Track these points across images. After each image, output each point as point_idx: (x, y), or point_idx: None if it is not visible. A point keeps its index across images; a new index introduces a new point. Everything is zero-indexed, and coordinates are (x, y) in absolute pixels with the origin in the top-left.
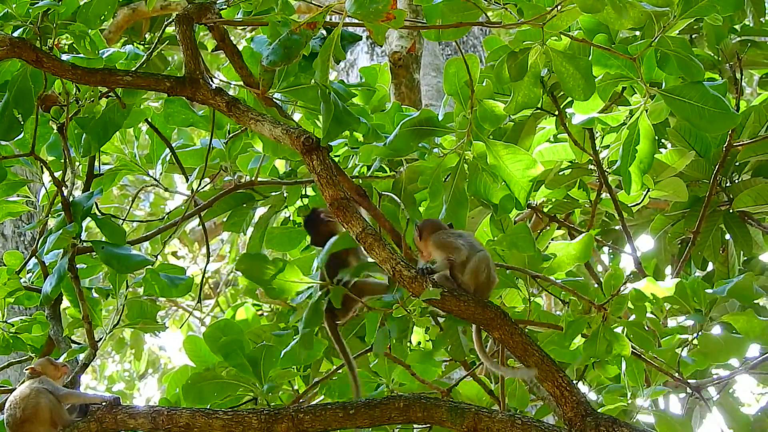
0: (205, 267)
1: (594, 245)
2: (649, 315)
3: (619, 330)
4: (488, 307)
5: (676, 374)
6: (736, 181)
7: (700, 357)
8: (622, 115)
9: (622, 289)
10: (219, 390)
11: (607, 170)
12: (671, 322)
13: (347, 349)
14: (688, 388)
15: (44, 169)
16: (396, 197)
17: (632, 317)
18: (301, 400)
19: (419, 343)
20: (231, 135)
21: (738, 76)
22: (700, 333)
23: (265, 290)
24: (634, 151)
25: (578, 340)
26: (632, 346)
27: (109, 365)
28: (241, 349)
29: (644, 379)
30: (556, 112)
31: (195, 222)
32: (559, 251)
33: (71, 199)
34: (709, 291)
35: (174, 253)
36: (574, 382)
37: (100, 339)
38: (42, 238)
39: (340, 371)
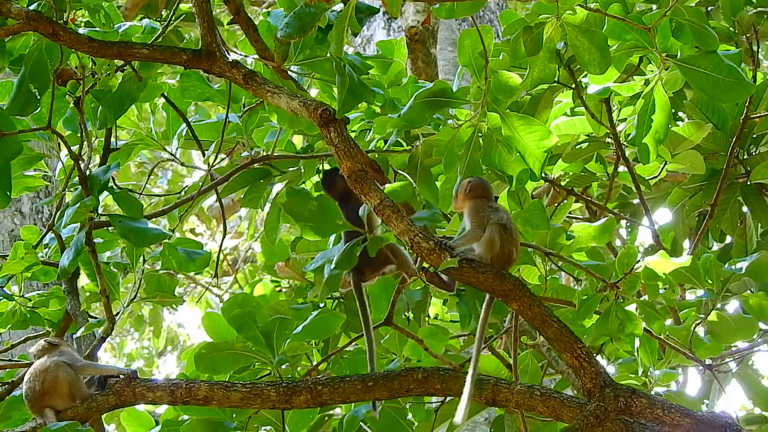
0: (222, 242)
1: (614, 227)
2: (662, 292)
3: (632, 308)
4: (507, 278)
5: (690, 353)
6: (754, 153)
7: (712, 338)
8: (637, 85)
9: (635, 266)
10: (231, 361)
11: (624, 143)
12: (690, 296)
13: (368, 310)
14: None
15: (61, 144)
16: (408, 176)
17: (644, 297)
18: (318, 376)
19: (437, 315)
20: (247, 108)
21: (754, 48)
22: (711, 311)
23: (304, 229)
24: (649, 121)
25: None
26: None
27: (128, 343)
28: (255, 322)
29: (657, 357)
30: (573, 86)
31: (212, 199)
32: (579, 231)
33: (88, 172)
34: (727, 268)
35: (192, 230)
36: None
37: (118, 313)
38: (59, 212)
39: (356, 344)
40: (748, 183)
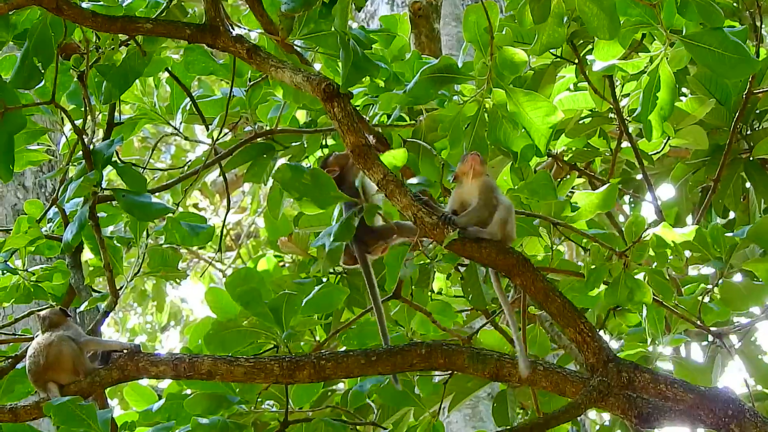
0: (225, 216)
1: (617, 192)
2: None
3: (640, 276)
4: (510, 253)
5: (698, 322)
6: (757, 128)
7: (722, 305)
8: (642, 62)
9: (643, 236)
10: (241, 339)
11: (628, 118)
12: (692, 272)
13: (375, 283)
14: (710, 336)
15: (64, 118)
16: (420, 141)
17: (654, 265)
18: (322, 351)
19: (440, 290)
20: (251, 83)
21: (758, 23)
22: (720, 281)
23: (301, 203)
24: (654, 98)
25: (600, 289)
26: (653, 294)
27: (131, 318)
28: (261, 298)
29: (665, 327)
30: (576, 61)
31: (216, 174)
32: (581, 200)
33: (92, 147)
34: (729, 235)
35: (195, 205)
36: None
37: (122, 287)
38: (62, 186)
39: (360, 319)
40: (751, 158)
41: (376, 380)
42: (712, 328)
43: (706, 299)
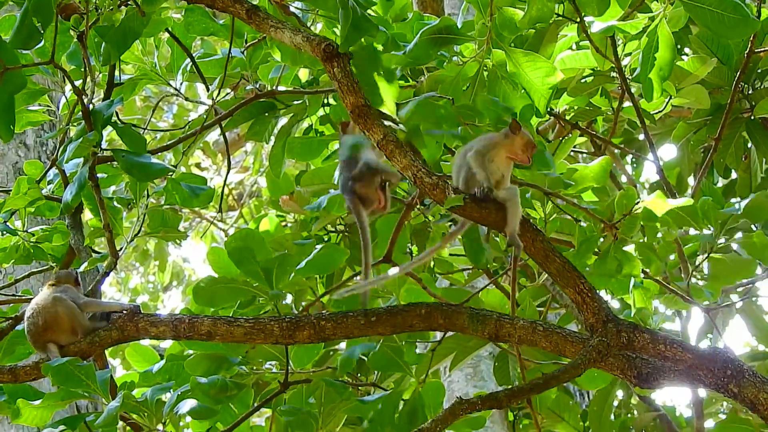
0: (226, 176)
1: (611, 167)
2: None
3: (630, 249)
4: None
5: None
6: (758, 88)
7: (711, 280)
8: (641, 22)
9: (635, 208)
10: (231, 295)
11: (629, 77)
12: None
13: (368, 232)
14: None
15: (65, 79)
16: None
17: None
18: (322, 312)
19: None
20: (250, 43)
21: None
22: (709, 254)
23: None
24: (653, 58)
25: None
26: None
27: (133, 277)
28: (254, 257)
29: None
30: (578, 20)
31: (218, 134)
32: (576, 175)
33: (91, 107)
34: (723, 210)
35: (198, 165)
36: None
37: (121, 248)
38: (62, 147)
39: (357, 278)
40: (753, 118)
41: (366, 346)
42: (704, 303)
43: (693, 280)
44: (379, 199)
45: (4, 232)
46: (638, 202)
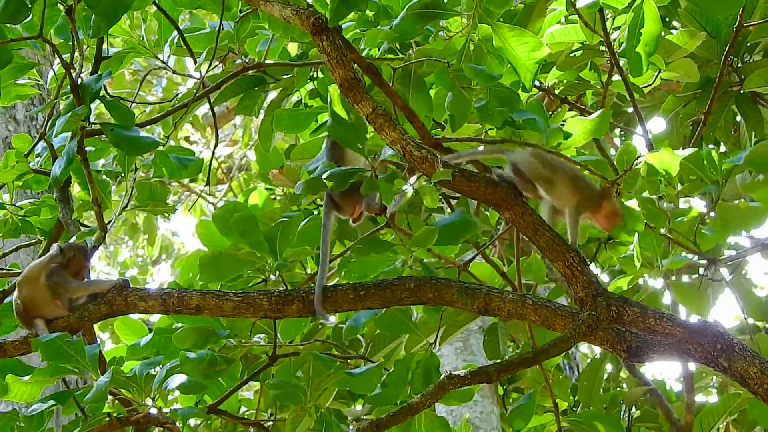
0: (214, 149)
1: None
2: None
3: (632, 204)
4: (499, 186)
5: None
6: (748, 61)
7: (719, 227)
8: None
9: (635, 164)
10: (237, 267)
11: (618, 51)
12: (684, 206)
13: (328, 245)
14: (704, 263)
15: (53, 52)
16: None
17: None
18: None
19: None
20: (241, 15)
21: None
22: (716, 204)
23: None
24: (639, 33)
25: None
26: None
27: (123, 251)
28: (257, 227)
29: (662, 250)
30: None
31: (207, 107)
32: (574, 127)
33: (80, 81)
34: (726, 161)
35: (187, 138)
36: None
37: (110, 222)
38: (50, 121)
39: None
40: (742, 91)
41: (371, 313)
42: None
43: (702, 226)
44: (353, 213)
45: None
46: (639, 157)
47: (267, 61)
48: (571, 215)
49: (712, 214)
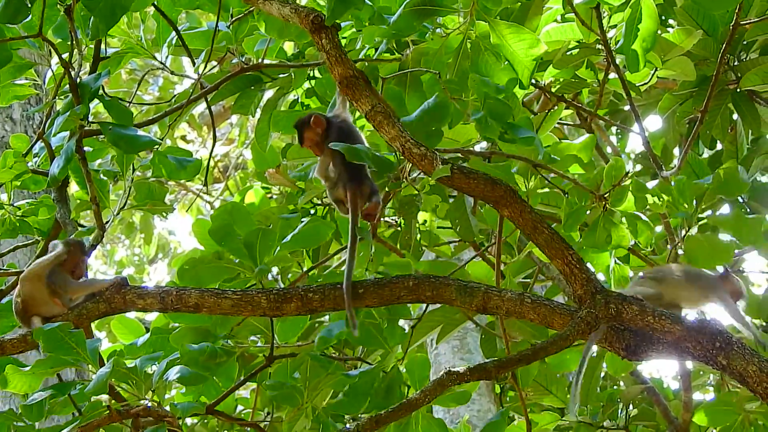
0: (212, 149)
1: (595, 145)
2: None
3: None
4: (498, 184)
5: None
6: (744, 59)
7: (689, 261)
8: None
9: (623, 179)
10: (216, 275)
11: (615, 49)
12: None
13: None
14: None
15: (52, 52)
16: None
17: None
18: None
19: (425, 221)
20: (237, 17)
21: None
22: (687, 232)
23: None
24: (636, 29)
25: None
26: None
27: (119, 250)
28: (234, 234)
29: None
30: None
31: (204, 106)
32: (560, 153)
33: (78, 80)
34: (696, 182)
35: (184, 138)
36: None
37: (108, 221)
38: (49, 120)
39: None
40: (739, 89)
41: (344, 323)
42: None
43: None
44: (375, 211)
45: None
46: (628, 173)
47: (265, 62)
48: (729, 305)
49: (680, 252)
